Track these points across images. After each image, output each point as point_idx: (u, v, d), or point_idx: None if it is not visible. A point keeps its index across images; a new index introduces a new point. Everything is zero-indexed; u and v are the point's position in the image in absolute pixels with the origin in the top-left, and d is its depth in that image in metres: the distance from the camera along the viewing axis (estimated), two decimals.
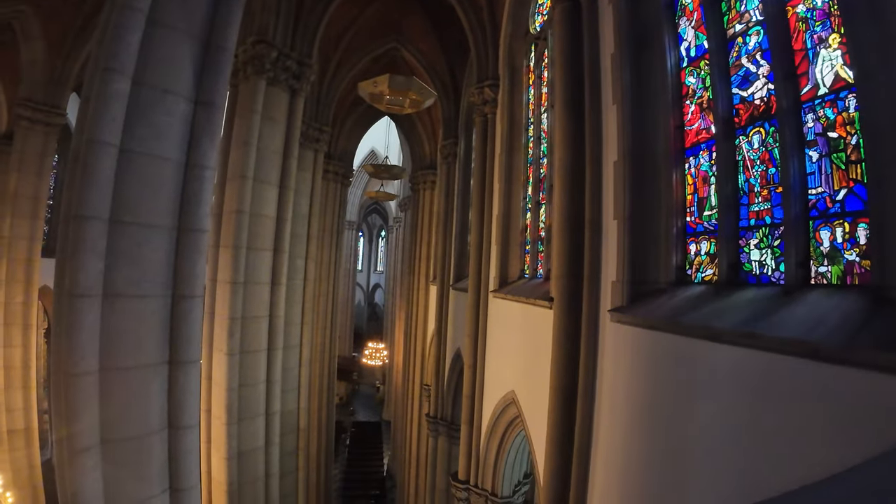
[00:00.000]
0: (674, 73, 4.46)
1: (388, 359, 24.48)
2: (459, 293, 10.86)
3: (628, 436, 4.08)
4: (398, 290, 23.98)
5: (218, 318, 7.40)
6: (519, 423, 6.93)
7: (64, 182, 3.48)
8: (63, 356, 3.02)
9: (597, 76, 5.05)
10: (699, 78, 4.24)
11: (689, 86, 4.36)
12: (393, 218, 31.15)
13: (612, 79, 4.74)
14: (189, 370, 3.54)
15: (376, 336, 30.10)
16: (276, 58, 7.83)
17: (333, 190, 14.48)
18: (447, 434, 11.30)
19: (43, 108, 11.35)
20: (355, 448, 20.96)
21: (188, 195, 3.52)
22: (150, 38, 3.32)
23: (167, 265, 3.44)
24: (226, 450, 7.26)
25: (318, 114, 11.68)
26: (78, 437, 3.04)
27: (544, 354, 5.43)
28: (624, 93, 4.54)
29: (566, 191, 5.20)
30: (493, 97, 8.85)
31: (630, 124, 4.46)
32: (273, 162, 7.86)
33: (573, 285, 4.95)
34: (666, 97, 4.43)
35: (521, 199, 8.08)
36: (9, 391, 10.79)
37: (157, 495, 3.41)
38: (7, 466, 10.34)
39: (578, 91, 5.27)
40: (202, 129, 3.59)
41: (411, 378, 15.80)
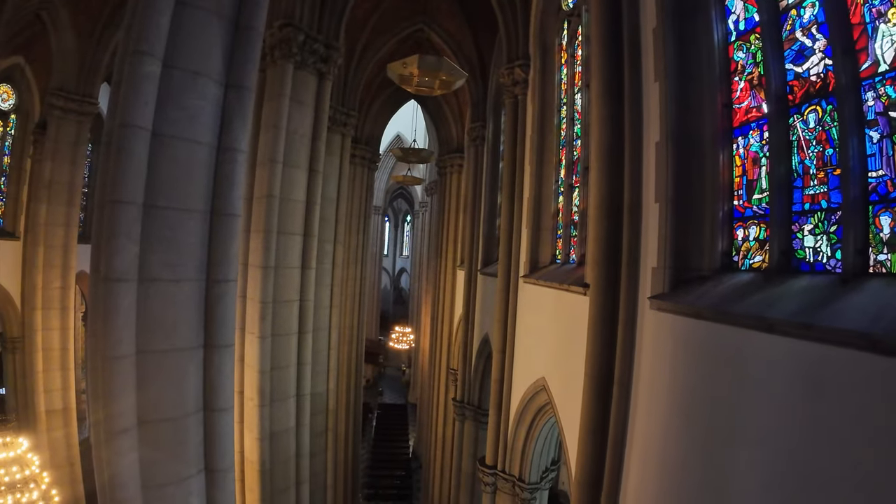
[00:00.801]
0: (721, 48, 4.20)
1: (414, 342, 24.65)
2: (488, 278, 10.74)
3: (668, 427, 3.94)
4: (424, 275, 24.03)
5: (250, 301, 7.49)
6: (549, 411, 6.84)
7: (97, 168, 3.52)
8: (100, 340, 3.04)
9: (637, 52, 4.80)
10: (749, 53, 3.97)
11: (737, 61, 4.09)
12: (419, 202, 31.09)
13: (654, 55, 4.48)
14: (223, 353, 3.55)
15: (402, 320, 30.34)
16: (304, 41, 7.75)
17: (360, 174, 14.47)
18: (473, 418, 11.32)
19: (75, 98, 11.58)
20: (381, 429, 21.31)
21: (221, 179, 3.48)
22: (179, 20, 3.26)
23: (201, 249, 3.43)
24: (258, 430, 7.42)
25: (345, 98, 11.61)
26: (115, 419, 3.07)
27: (578, 341, 5.29)
28: (667, 69, 4.28)
29: (603, 173, 4.99)
30: (523, 77, 8.59)
31: (674, 103, 4.21)
32: (302, 146, 7.84)
33: (610, 271, 4.78)
34: (712, 73, 4.17)
35: (553, 182, 7.86)
36: (48, 373, 11.29)
37: (194, 476, 3.45)
38: (45, 446, 10.86)
39: (617, 68, 5.02)
40: (233, 111, 3.53)
41: (438, 362, 15.85)
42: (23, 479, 7.12)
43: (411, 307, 31.09)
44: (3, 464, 7.06)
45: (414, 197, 35.00)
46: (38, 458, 7.73)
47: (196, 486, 3.45)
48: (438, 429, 14.96)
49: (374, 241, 28.48)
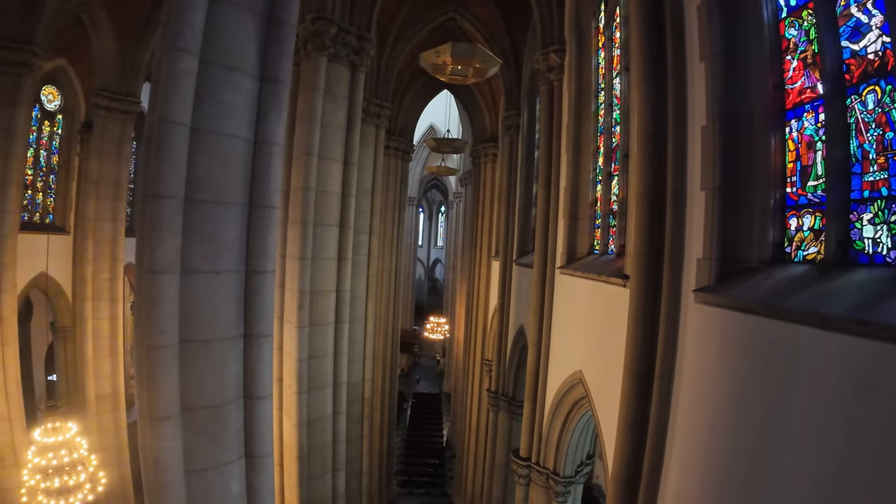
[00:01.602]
0: (771, 25, 3.93)
1: (448, 333, 24.75)
2: (523, 269, 10.61)
3: (712, 425, 3.78)
4: (459, 266, 24.02)
5: (288, 292, 7.66)
6: (585, 404, 6.72)
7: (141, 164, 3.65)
8: (145, 330, 3.15)
9: (680, 32, 4.56)
10: (801, 30, 3.71)
11: (788, 39, 3.83)
12: (453, 193, 31.05)
13: (699, 34, 4.24)
14: (263, 343, 3.62)
15: (436, 310, 30.49)
16: (336, 34, 7.77)
17: (394, 166, 14.52)
18: (508, 409, 11.27)
19: (118, 97, 11.98)
20: (416, 418, 21.57)
21: (258, 172, 3.53)
22: (213, 16, 3.30)
23: (240, 241, 3.49)
24: (296, 417, 7.61)
25: (378, 89, 11.62)
26: (159, 405, 3.18)
27: (616, 335, 5.15)
28: (713, 48, 4.05)
29: (645, 160, 4.79)
30: (558, 63, 8.36)
31: (721, 84, 3.98)
32: (336, 138, 7.91)
33: (652, 262, 4.60)
34: (762, 52, 3.92)
35: (591, 170, 7.65)
36: (98, 359, 11.90)
37: (234, 461, 3.54)
38: (94, 429, 11.45)
39: (658, 50, 4.79)
40: (268, 105, 3.56)
41: (472, 352, 15.86)
42: (71, 462, 7.37)
43: (446, 298, 31.20)
44: (52, 447, 7.32)
45: (448, 187, 34.97)
46: (86, 441, 8.05)
47: (236, 471, 3.55)
48: (472, 419, 15.00)
49: (408, 232, 28.65)
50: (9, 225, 9.19)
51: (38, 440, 7.38)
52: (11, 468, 8.87)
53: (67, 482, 7.24)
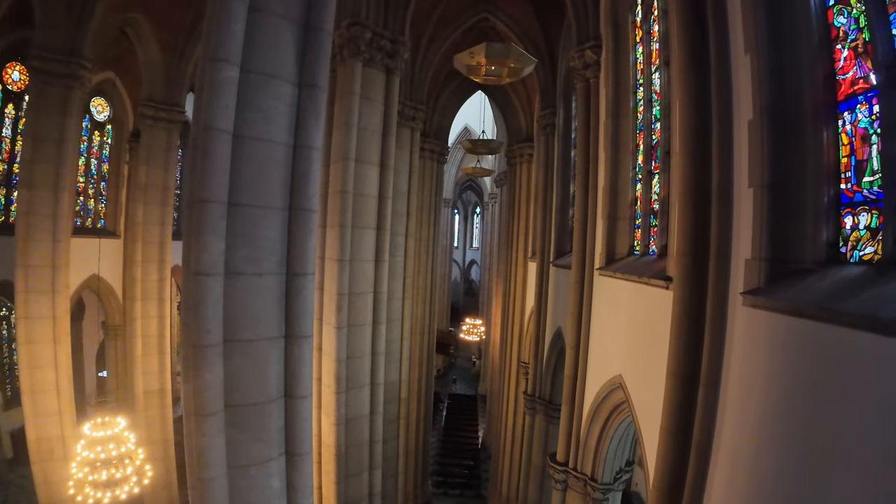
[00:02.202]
0: (819, 13, 3.72)
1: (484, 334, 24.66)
2: (560, 270, 10.45)
3: (760, 435, 3.61)
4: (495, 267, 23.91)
5: (327, 293, 7.81)
6: (625, 409, 6.54)
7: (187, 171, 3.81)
8: (191, 330, 3.28)
9: (723, 22, 4.38)
10: (851, 17, 3.50)
11: (838, 27, 3.62)
12: (488, 194, 30.92)
13: (744, 23, 4.06)
14: (303, 344, 3.71)
15: (472, 311, 30.43)
16: (371, 38, 7.88)
17: (430, 168, 14.59)
18: (544, 413, 11.12)
19: (164, 107, 12.54)
20: (452, 419, 21.58)
21: (297, 176, 3.62)
22: (252, 26, 3.40)
23: (281, 244, 3.59)
24: (335, 416, 7.74)
25: (413, 92, 11.71)
26: (204, 402, 3.30)
27: (659, 338, 4.99)
28: (759, 38, 3.87)
29: (688, 156, 4.62)
30: (595, 60, 8.19)
31: (768, 76, 3.80)
32: (373, 142, 8.01)
33: (696, 263, 4.43)
34: (810, 41, 3.71)
35: (630, 168, 7.46)
36: (146, 357, 12.47)
37: (275, 458, 3.64)
38: (142, 424, 11.98)
39: (700, 41, 4.62)
40: (307, 110, 3.65)
41: (508, 354, 15.74)
42: (118, 455, 7.63)
43: (481, 299, 31.12)
44: (101, 441, 7.58)
45: (483, 188, 34.87)
46: (133, 435, 8.32)
47: (277, 467, 3.64)
48: (508, 421, 14.89)
49: (444, 234, 28.72)
50: (62, 230, 9.71)
51: (88, 434, 7.66)
52: (60, 461, 9.28)
53: (114, 475, 7.48)
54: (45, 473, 9.33)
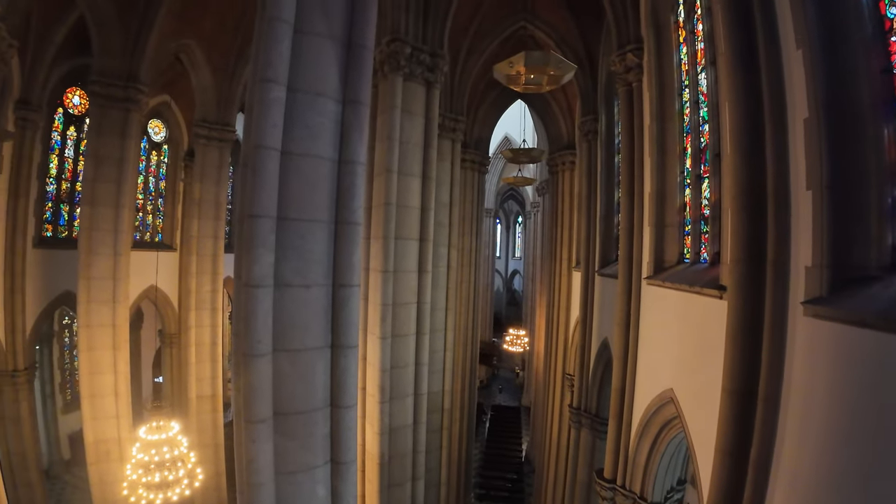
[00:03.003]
0: (870, 5, 3.53)
1: (528, 345, 24.31)
2: (606, 279, 10.19)
3: (823, 454, 3.38)
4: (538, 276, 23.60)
5: (371, 304, 7.93)
6: (677, 425, 6.26)
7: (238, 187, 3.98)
8: (242, 339, 3.40)
9: (771, 17, 4.21)
10: None
11: (890, 19, 3.43)
12: (530, 203, 30.67)
13: (793, 18, 3.90)
14: (349, 354, 3.78)
15: (515, 322, 30.10)
16: (410, 53, 8.03)
17: (471, 178, 14.65)
18: (590, 427, 10.78)
19: (216, 127, 13.23)
20: (494, 430, 21.30)
21: (343, 190, 3.72)
22: (297, 46, 3.55)
23: (327, 256, 3.69)
24: (379, 425, 7.81)
25: (453, 104, 11.82)
26: (254, 410, 3.41)
27: (713, 351, 4.77)
28: (810, 33, 3.69)
29: (740, 159, 4.42)
30: (636, 63, 8.01)
31: (822, 71, 3.61)
32: (415, 154, 8.13)
33: (752, 271, 4.21)
34: (864, 34, 3.52)
35: (678, 173, 7.21)
36: (199, 364, 13.03)
37: (321, 466, 3.71)
38: (195, 428, 12.47)
39: (748, 39, 4.43)
40: (351, 126, 3.75)
41: (553, 366, 15.44)
42: (172, 458, 7.88)
43: (525, 309, 30.74)
44: (155, 444, 7.85)
45: (525, 198, 34.63)
46: (186, 439, 8.57)
47: (322, 475, 3.71)
48: (553, 435, 14.56)
49: (486, 244, 28.67)
50: (122, 243, 10.27)
51: (143, 437, 7.95)
52: (116, 462, 9.67)
53: (167, 477, 7.72)
54: (100, 474, 9.73)
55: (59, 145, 14.03)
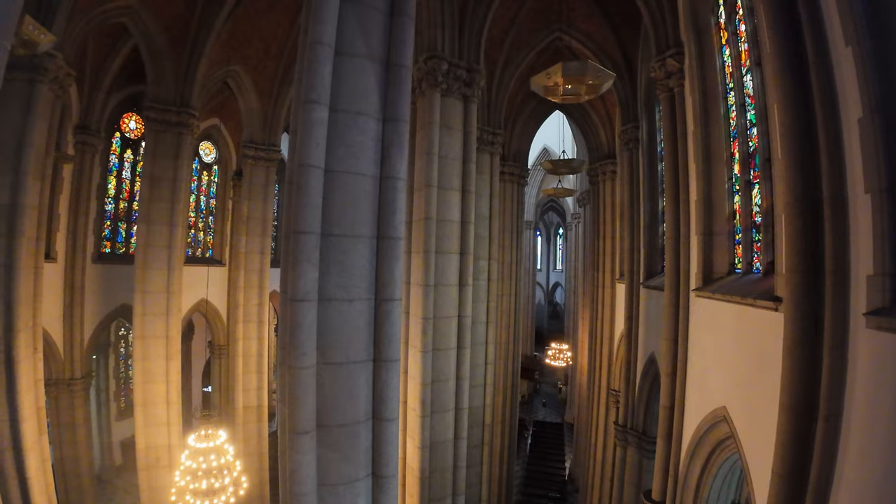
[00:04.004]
0: None
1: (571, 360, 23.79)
2: (652, 292, 9.89)
3: (888, 475, 3.13)
4: (580, 289, 23.14)
5: (412, 317, 8.00)
6: (730, 445, 5.94)
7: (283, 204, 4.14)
8: (288, 352, 3.51)
9: (817, 14, 4.06)
10: None
11: None
12: (571, 214, 30.22)
13: (840, 14, 3.75)
14: (390, 368, 3.83)
15: (557, 335, 29.55)
16: (447, 69, 8.16)
17: (510, 191, 14.63)
18: (637, 445, 10.38)
19: (262, 147, 13.84)
20: (536, 447, 20.83)
21: (384, 206, 3.82)
22: (339, 68, 3.69)
23: (370, 271, 3.78)
24: (420, 439, 7.80)
25: (490, 117, 11.88)
26: (298, 421, 3.49)
27: (768, 366, 4.54)
28: (859, 29, 3.52)
29: (791, 162, 4.22)
30: (677, 68, 7.82)
31: (875, 68, 3.45)
32: (454, 168, 8.21)
33: (809, 281, 4.00)
34: None
35: (726, 180, 6.95)
36: (246, 374, 13.46)
37: (362, 479, 3.74)
38: (241, 437, 12.81)
39: (794, 37, 4.28)
40: (391, 143, 3.85)
41: (597, 381, 15.01)
42: (218, 466, 8.05)
43: (567, 322, 30.14)
44: (203, 452, 8.05)
45: (565, 209, 34.16)
46: (232, 448, 8.74)
47: (363, 488, 3.74)
48: (597, 453, 14.10)
49: (527, 256, 28.39)
50: (176, 259, 10.78)
51: (192, 445, 8.16)
52: (165, 468, 10.02)
53: (213, 485, 7.89)
54: (150, 480, 10.11)
55: (116, 167, 15.08)
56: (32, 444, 7.08)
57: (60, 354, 12.45)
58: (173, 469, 8.87)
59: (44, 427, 7.86)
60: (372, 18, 3.88)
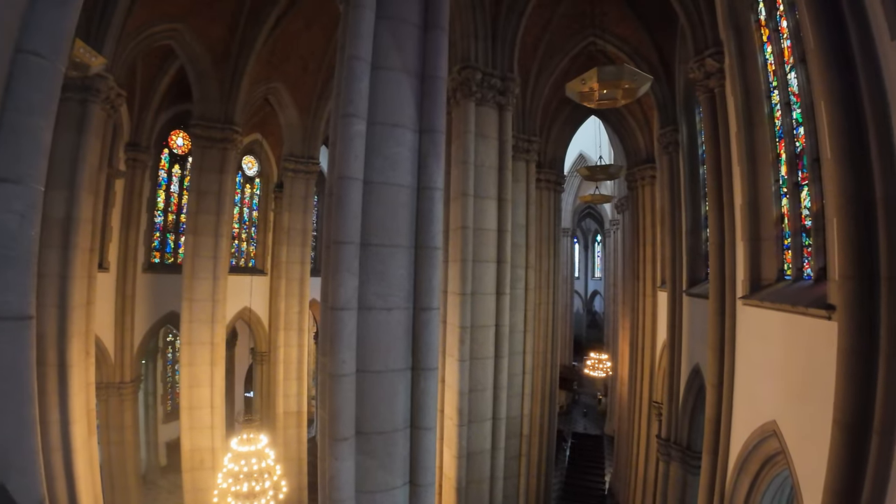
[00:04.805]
0: None
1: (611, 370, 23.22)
2: (696, 300, 9.56)
3: None
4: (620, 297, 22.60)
5: (449, 326, 8.03)
6: (781, 461, 5.64)
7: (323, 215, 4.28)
8: (328, 359, 3.59)
9: (860, 8, 3.88)
10: None
11: None
12: (609, 221, 29.66)
13: (884, 7, 3.58)
14: (429, 376, 3.87)
15: (596, 344, 28.91)
16: (481, 79, 8.23)
17: (546, 198, 14.54)
18: (681, 460, 9.98)
19: (302, 160, 14.33)
20: (575, 459, 20.32)
21: (422, 215, 3.89)
22: (375, 82, 3.80)
23: (408, 280, 3.85)
24: (456, 449, 7.78)
25: (525, 125, 11.86)
26: (338, 427, 3.56)
27: (821, 378, 4.32)
28: None
29: (841, 162, 4.02)
30: (717, 68, 7.59)
31: None
32: (490, 177, 8.24)
33: (864, 288, 3.79)
34: None
35: (772, 182, 6.67)
36: (287, 381, 13.81)
37: (399, 487, 3.77)
38: (281, 442, 13.08)
39: (838, 32, 4.10)
40: (428, 154, 3.92)
41: (638, 393, 14.59)
42: (259, 469, 8.22)
43: (606, 332, 29.46)
44: (245, 455, 8.23)
45: (603, 215, 33.56)
46: (273, 452, 8.91)
47: (401, 497, 3.77)
48: (639, 468, 13.68)
49: (564, 264, 28.00)
50: (221, 269, 11.23)
51: (235, 448, 8.36)
52: (208, 470, 10.34)
53: (254, 488, 8.05)
54: (193, 481, 10.45)
55: (165, 181, 15.89)
56: (82, 445, 7.34)
57: (112, 359, 13.10)
58: (216, 471, 9.11)
59: (93, 428, 8.18)
60: (406, 32, 3.97)
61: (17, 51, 2.35)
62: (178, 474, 10.92)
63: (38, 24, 2.40)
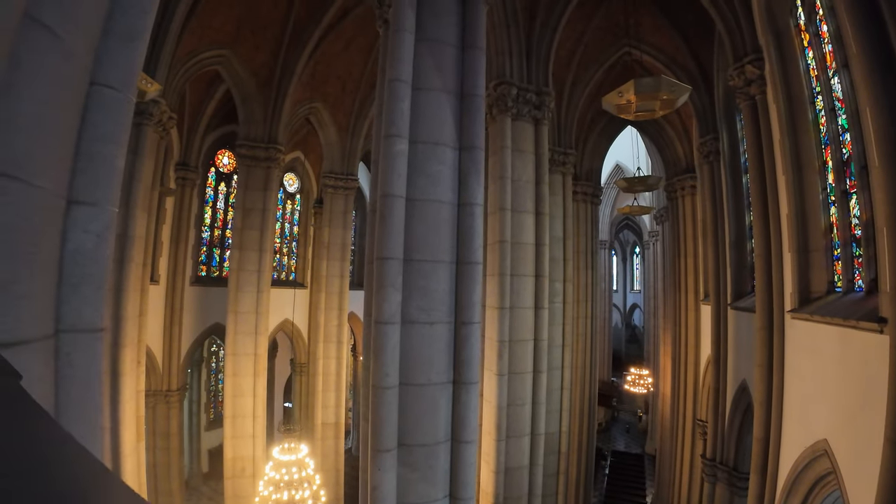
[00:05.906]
0: None
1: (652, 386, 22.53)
2: (741, 313, 9.25)
3: None
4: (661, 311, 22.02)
5: (488, 340, 8.04)
6: (832, 482, 5.37)
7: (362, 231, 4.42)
8: (372, 372, 3.71)
9: None
10: None
11: None
12: (648, 232, 28.99)
13: None
14: (470, 390, 3.93)
15: (636, 359, 28.16)
16: (517, 94, 8.32)
17: (584, 211, 14.44)
18: (727, 482, 9.56)
19: (341, 177, 14.81)
20: (615, 478, 19.69)
21: (462, 231, 4.00)
22: (416, 102, 3.95)
23: (449, 295, 3.95)
24: (494, 464, 7.73)
25: (561, 138, 11.86)
26: (381, 439, 3.65)
27: (874, 394, 4.13)
28: None
29: (889, 171, 3.90)
30: (758, 74, 7.43)
31: None
32: (527, 191, 8.28)
33: None
34: None
35: (819, 190, 6.45)
36: (325, 392, 14.05)
37: (440, 500, 3.83)
38: (319, 452, 13.24)
39: (879, 35, 4.01)
40: (468, 171, 4.04)
41: (681, 410, 14.09)
42: (299, 478, 8.35)
43: (647, 347, 28.66)
44: (286, 464, 8.40)
45: (641, 227, 32.84)
46: (312, 462, 9.06)
47: None
48: (682, 488, 13.17)
49: (602, 278, 27.51)
50: (264, 282, 11.65)
51: (276, 457, 8.53)
52: (250, 478, 10.58)
53: (294, 496, 8.18)
54: (234, 488, 10.71)
55: (212, 199, 16.71)
56: (130, 450, 7.60)
57: (160, 368, 13.69)
58: (257, 479, 9.34)
59: (142, 434, 8.51)
60: (445, 53, 4.12)
61: (91, 83, 2.60)
62: (220, 481, 11.25)
63: (110, 59, 2.65)
